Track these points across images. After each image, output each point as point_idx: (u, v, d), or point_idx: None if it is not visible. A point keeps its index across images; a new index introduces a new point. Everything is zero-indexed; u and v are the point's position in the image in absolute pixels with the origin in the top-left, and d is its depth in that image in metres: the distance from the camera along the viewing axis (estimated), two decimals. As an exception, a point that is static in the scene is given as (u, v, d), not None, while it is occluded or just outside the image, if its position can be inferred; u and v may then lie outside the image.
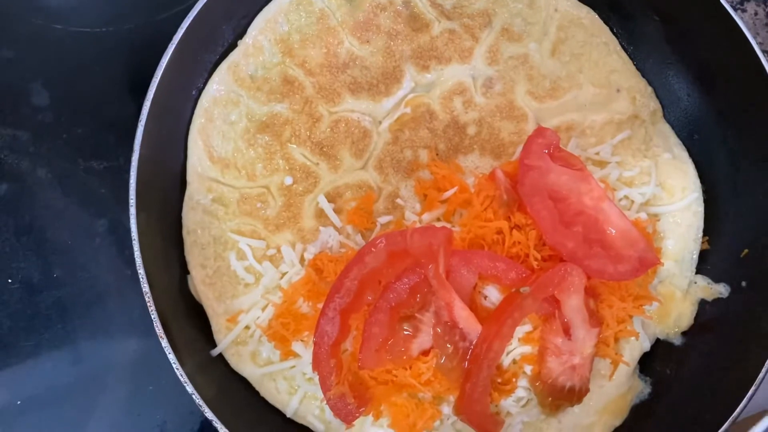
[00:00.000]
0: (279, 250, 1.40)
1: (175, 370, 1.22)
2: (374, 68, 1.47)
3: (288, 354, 1.36)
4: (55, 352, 1.47)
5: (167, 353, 1.22)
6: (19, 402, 1.46)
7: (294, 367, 1.36)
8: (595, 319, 1.32)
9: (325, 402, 1.30)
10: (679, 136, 1.49)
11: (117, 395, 1.46)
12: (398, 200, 1.42)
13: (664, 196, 1.45)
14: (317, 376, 1.30)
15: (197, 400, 1.22)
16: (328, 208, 1.40)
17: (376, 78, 1.47)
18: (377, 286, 1.28)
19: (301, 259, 1.39)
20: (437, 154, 1.44)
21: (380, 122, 1.47)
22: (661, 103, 1.50)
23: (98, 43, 1.58)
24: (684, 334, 1.43)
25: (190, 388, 1.22)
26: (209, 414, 1.22)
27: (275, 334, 1.35)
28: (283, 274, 1.38)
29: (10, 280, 1.49)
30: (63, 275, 1.50)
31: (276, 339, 1.36)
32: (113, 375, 1.47)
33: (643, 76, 1.51)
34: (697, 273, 1.45)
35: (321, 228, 1.40)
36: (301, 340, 1.35)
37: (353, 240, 1.39)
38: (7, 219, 1.52)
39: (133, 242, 1.25)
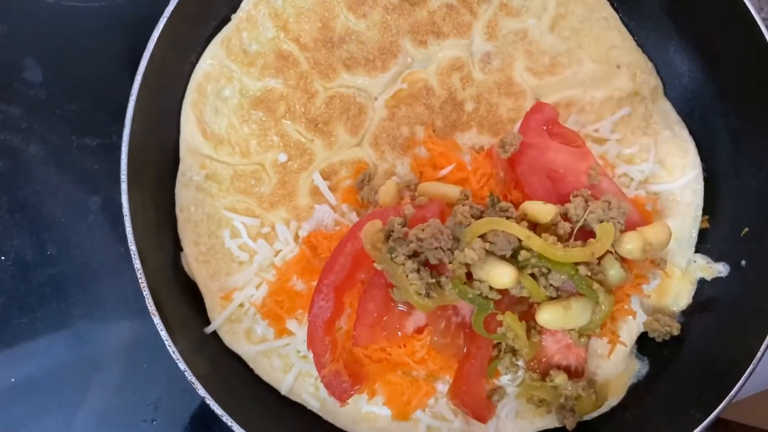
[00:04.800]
0: (273, 228, 1.39)
1: (168, 347, 1.22)
2: (370, 43, 1.45)
3: (282, 332, 1.35)
4: (50, 330, 1.47)
5: (160, 331, 1.22)
6: (13, 380, 1.46)
7: (288, 344, 1.36)
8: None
9: (320, 380, 1.29)
10: (679, 113, 1.47)
11: (111, 373, 1.46)
12: (394, 178, 1.40)
13: (663, 173, 1.44)
14: (312, 354, 1.29)
15: (190, 378, 1.22)
16: (323, 185, 1.39)
17: (372, 53, 1.45)
18: (371, 263, 1.27)
19: (296, 237, 1.38)
20: (434, 131, 1.43)
21: (376, 98, 1.45)
22: (662, 79, 1.48)
23: (91, 18, 1.56)
24: (683, 313, 1.41)
25: (182, 365, 1.22)
26: (202, 391, 1.22)
27: (269, 312, 1.35)
28: (278, 252, 1.38)
29: (3, 258, 1.49)
30: (57, 252, 1.49)
31: (270, 317, 1.35)
32: (108, 352, 1.47)
33: (644, 52, 1.48)
34: (696, 252, 1.44)
35: (316, 206, 1.39)
36: (295, 318, 1.35)
37: (348, 218, 1.38)
38: (0, 196, 1.50)
39: (125, 218, 1.24)
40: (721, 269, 1.41)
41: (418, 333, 1.30)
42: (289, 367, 1.38)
